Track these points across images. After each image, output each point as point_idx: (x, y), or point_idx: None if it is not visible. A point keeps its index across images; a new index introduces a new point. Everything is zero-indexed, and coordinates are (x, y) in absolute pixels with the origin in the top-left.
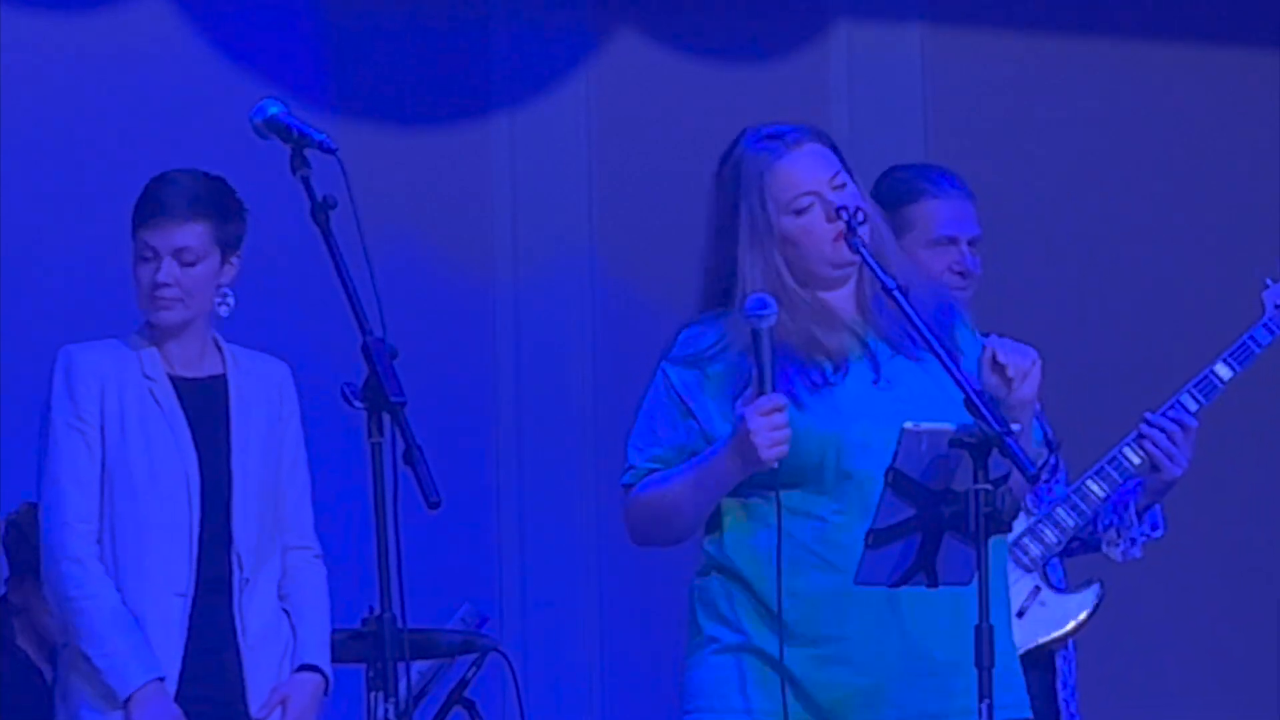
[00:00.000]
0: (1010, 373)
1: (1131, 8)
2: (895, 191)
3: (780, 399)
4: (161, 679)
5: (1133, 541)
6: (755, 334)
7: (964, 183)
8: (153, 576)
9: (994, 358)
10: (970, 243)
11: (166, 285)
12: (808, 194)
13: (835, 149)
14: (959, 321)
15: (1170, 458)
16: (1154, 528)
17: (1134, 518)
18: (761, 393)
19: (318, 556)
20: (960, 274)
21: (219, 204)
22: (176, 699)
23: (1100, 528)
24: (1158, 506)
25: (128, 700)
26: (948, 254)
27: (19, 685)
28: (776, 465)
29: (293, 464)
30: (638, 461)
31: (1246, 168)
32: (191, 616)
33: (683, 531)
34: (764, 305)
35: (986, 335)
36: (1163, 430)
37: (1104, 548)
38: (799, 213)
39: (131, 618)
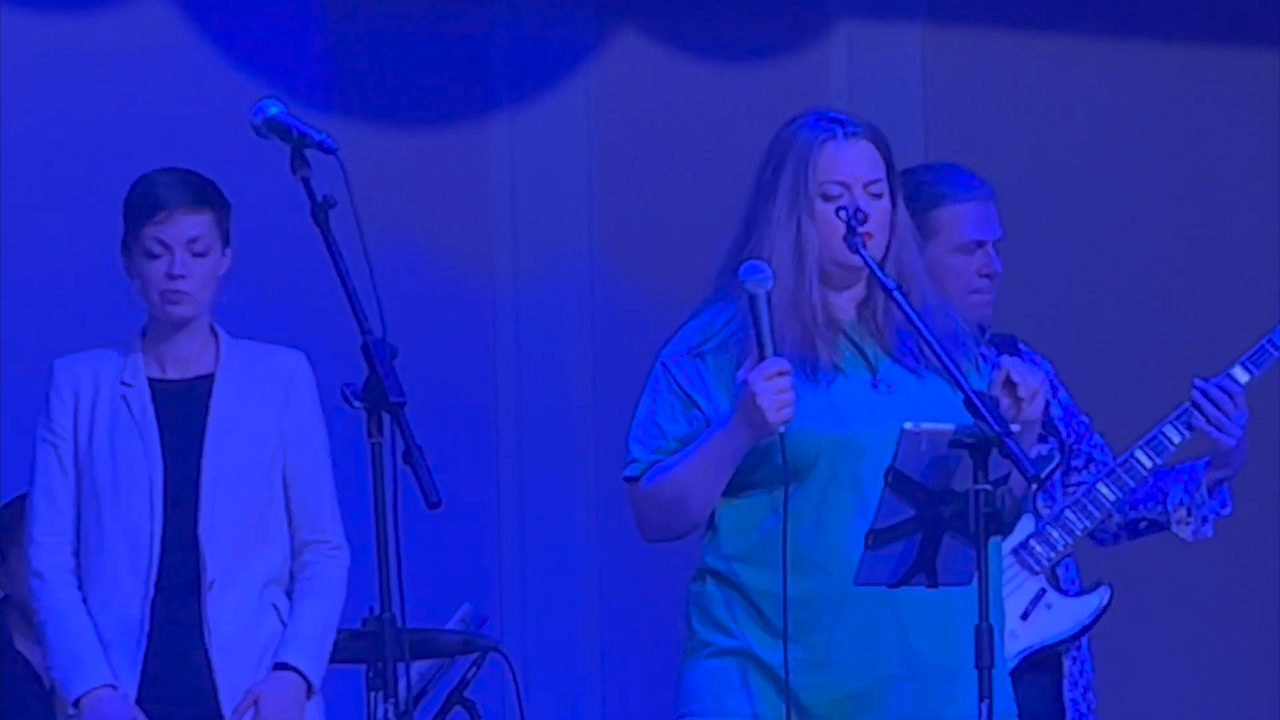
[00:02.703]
0: (1021, 392)
1: (1131, 8)
2: (919, 196)
3: (783, 362)
4: (113, 685)
5: (1204, 520)
6: (752, 299)
7: (984, 182)
8: (117, 582)
9: (1007, 377)
10: (994, 244)
11: (182, 278)
12: (840, 183)
13: (890, 161)
14: (967, 356)
15: (1220, 427)
16: (1223, 505)
17: (1204, 495)
18: (762, 358)
19: (337, 548)
20: (988, 276)
21: (215, 194)
22: (139, 701)
23: (1170, 507)
24: (1225, 485)
25: (76, 703)
26: (975, 258)
27: (17, 691)
28: (783, 430)
29: (301, 456)
30: (642, 455)
31: (1247, 168)
32: (154, 619)
33: (692, 519)
34: (759, 270)
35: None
36: (1210, 398)
37: (1174, 527)
38: (826, 198)
39: (90, 626)
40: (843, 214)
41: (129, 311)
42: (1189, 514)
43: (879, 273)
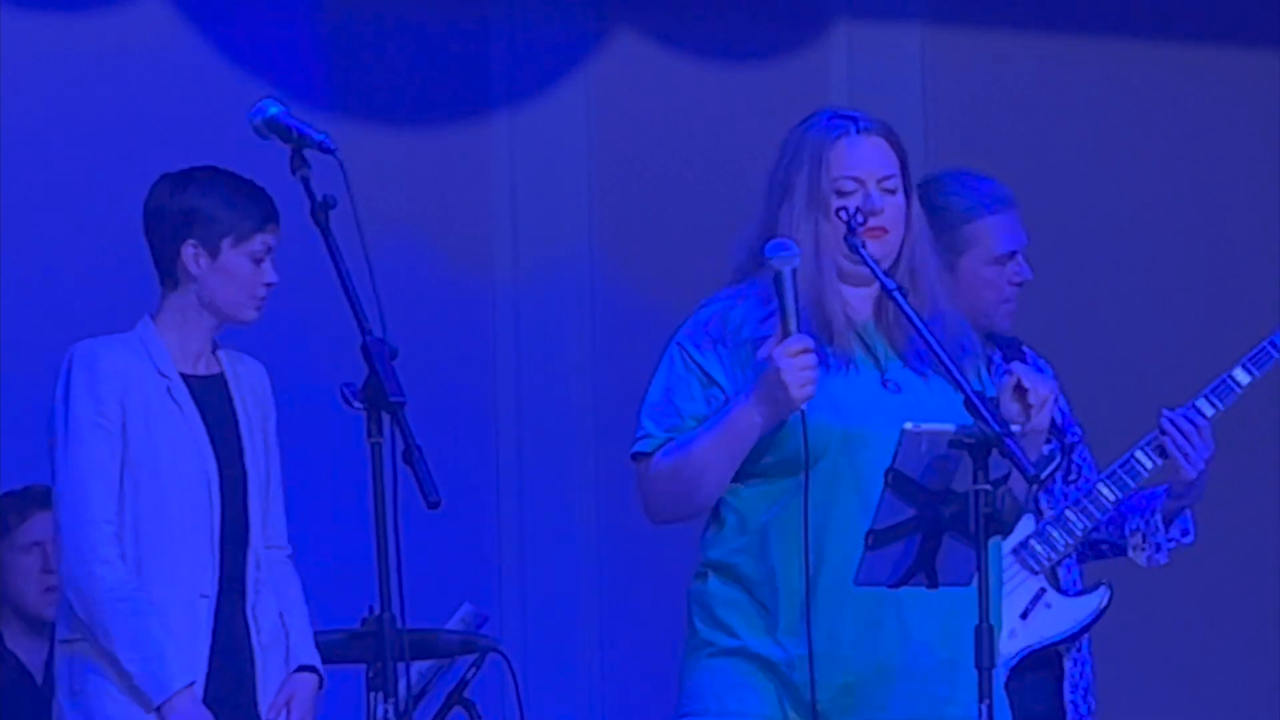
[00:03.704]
0: (1031, 399)
1: (1131, 8)
2: (949, 210)
3: (807, 340)
4: (193, 684)
5: (1158, 548)
6: (778, 275)
7: (1004, 187)
8: (178, 578)
9: (1018, 383)
10: (1023, 251)
11: (272, 285)
12: (854, 179)
13: (903, 157)
14: (973, 361)
15: (1186, 456)
16: (1184, 534)
17: (1159, 524)
18: (786, 334)
19: (290, 556)
20: (1018, 285)
21: None
22: (204, 701)
23: (1127, 532)
24: (1188, 512)
25: (161, 706)
26: (1009, 269)
27: (9, 689)
28: (804, 408)
29: (272, 463)
30: (654, 431)
31: (1247, 168)
32: (216, 617)
33: (703, 499)
34: (785, 248)
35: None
36: (1177, 427)
37: (1130, 553)
38: (839, 194)
39: (161, 624)
40: (842, 214)
41: (129, 311)
42: (1143, 540)
43: (878, 273)
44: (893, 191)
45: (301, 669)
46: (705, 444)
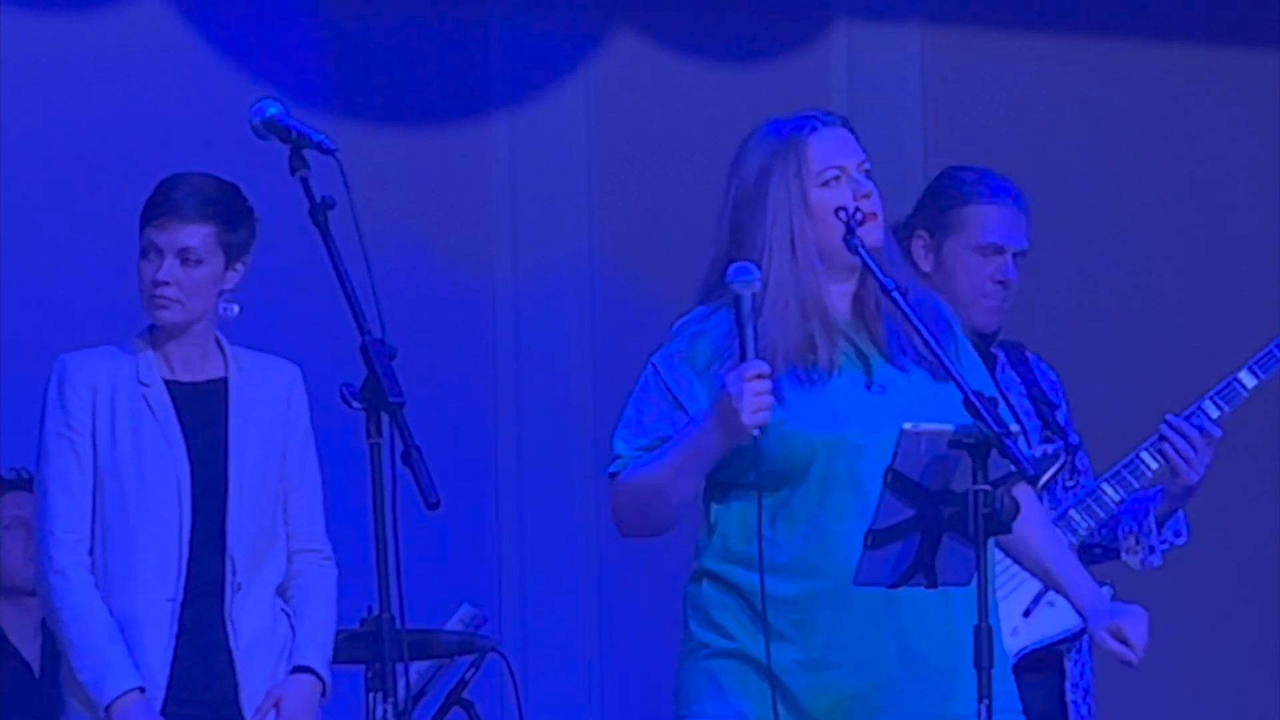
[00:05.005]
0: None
1: (1132, 8)
2: (951, 191)
3: (762, 365)
4: (142, 689)
5: (1151, 550)
6: (737, 299)
7: (1021, 193)
8: (142, 582)
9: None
10: (1015, 254)
11: (166, 284)
12: (837, 167)
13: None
14: (954, 333)
15: (1187, 462)
16: (1177, 535)
17: (1153, 525)
18: (744, 359)
19: (328, 559)
20: (1001, 284)
21: (227, 208)
22: (165, 704)
23: (1120, 535)
24: (1181, 514)
25: (108, 709)
26: (992, 263)
27: (7, 681)
28: (757, 434)
29: (299, 467)
30: (624, 451)
31: (1247, 168)
32: (181, 621)
33: (666, 516)
34: (747, 271)
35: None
36: (1182, 434)
37: (1123, 555)
38: (824, 184)
39: (115, 627)
40: (842, 214)
41: (129, 311)
42: (1137, 543)
43: (879, 274)
44: (869, 173)
45: (297, 670)
46: (664, 464)
